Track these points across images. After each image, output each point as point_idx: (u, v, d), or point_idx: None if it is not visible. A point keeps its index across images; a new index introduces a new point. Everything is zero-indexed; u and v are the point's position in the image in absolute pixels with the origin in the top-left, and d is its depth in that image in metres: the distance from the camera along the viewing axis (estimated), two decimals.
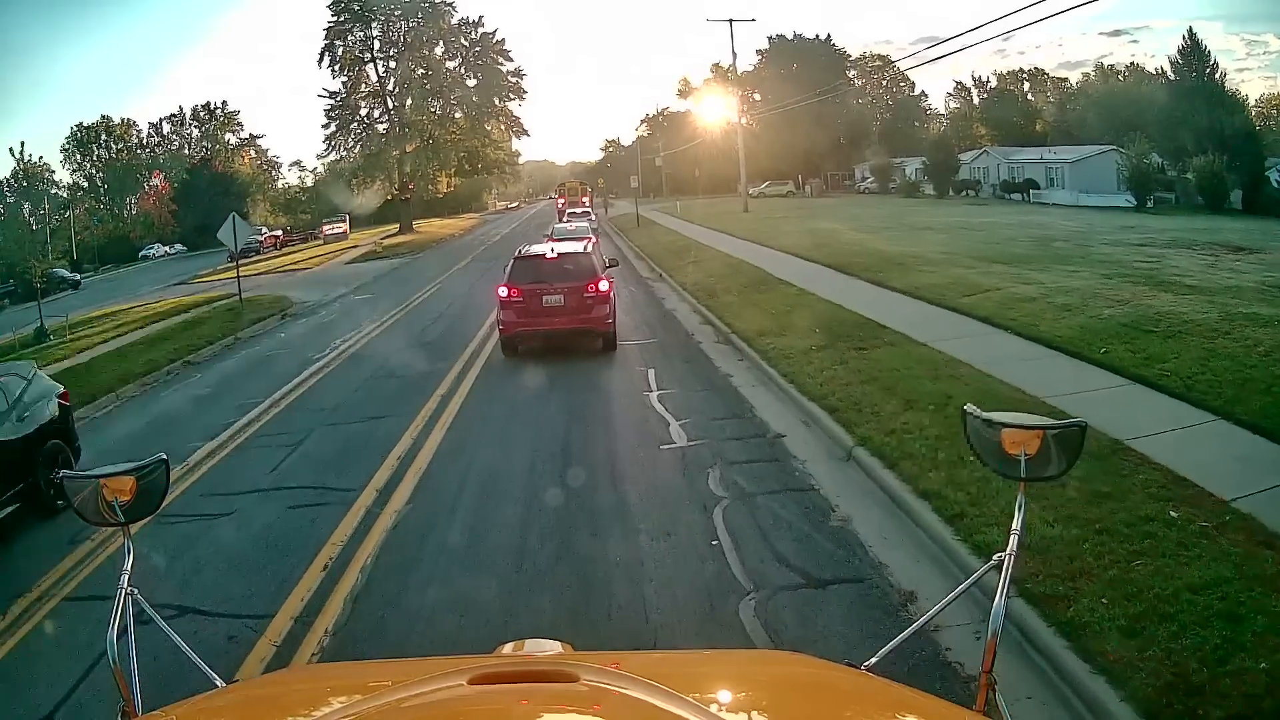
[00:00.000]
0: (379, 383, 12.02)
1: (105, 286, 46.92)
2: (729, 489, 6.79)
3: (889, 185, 63.94)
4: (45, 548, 6.94)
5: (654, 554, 5.73)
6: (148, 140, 75.29)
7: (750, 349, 11.61)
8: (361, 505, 7.04)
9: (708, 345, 12.82)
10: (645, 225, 39.57)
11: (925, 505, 6.13)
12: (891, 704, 1.55)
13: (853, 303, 13.75)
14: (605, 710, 1.27)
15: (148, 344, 18.66)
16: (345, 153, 56.80)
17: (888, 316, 12.30)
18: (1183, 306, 11.48)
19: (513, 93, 56.68)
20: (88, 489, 1.76)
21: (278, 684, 2.16)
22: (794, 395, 9.22)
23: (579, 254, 13.29)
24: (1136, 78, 68.96)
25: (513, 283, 12.61)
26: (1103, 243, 21.87)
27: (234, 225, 21.42)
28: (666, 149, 62.57)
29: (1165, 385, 8.18)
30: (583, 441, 8.43)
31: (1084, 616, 4.44)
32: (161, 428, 11.11)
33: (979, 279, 14.92)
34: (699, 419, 8.76)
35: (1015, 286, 14.03)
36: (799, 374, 9.73)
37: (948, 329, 11.54)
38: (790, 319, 12.88)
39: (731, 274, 19.04)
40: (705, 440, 8.05)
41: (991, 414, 1.69)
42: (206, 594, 5.74)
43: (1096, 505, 5.61)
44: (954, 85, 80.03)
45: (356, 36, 54.12)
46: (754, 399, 9.51)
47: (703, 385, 10.38)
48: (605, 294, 12.57)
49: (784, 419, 8.67)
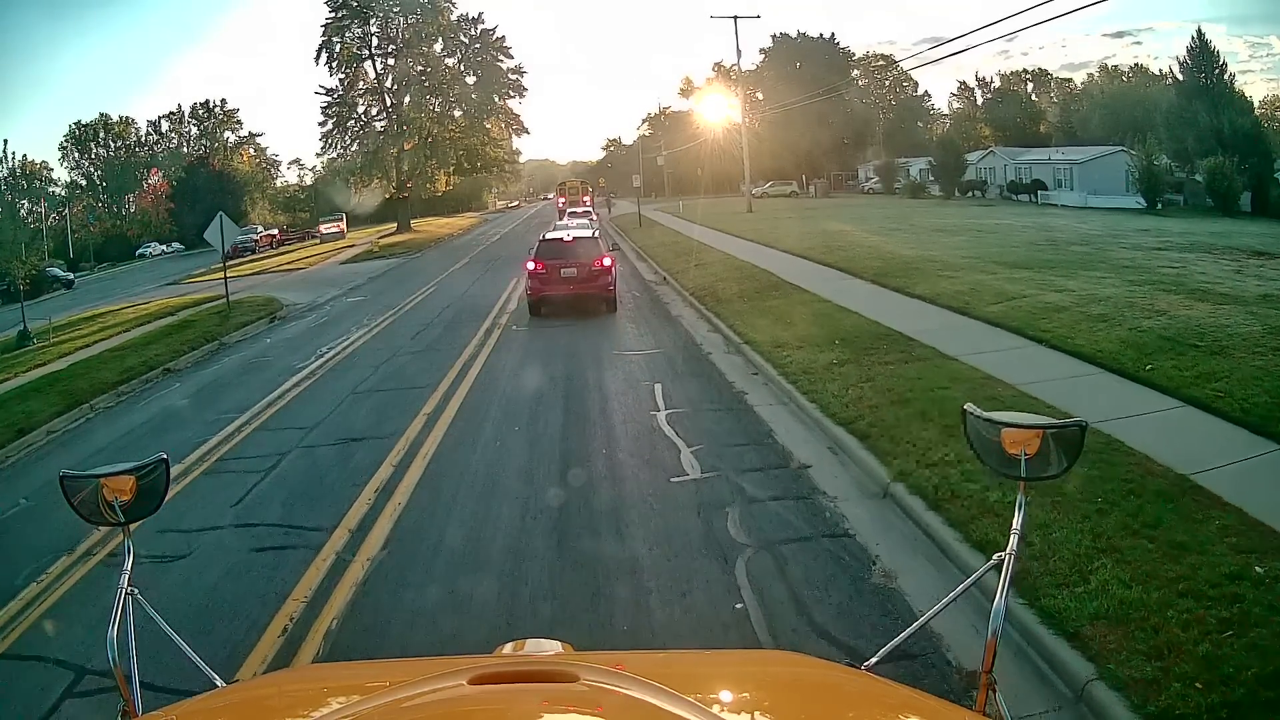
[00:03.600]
0: (363, 399, 11.11)
1: (99, 286, 46.48)
2: (751, 534, 5.92)
3: (894, 186, 63.18)
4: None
5: (668, 622, 4.85)
6: (146, 138, 75.75)
7: (766, 363, 10.71)
8: (331, 549, 6.17)
9: (718, 357, 11.91)
10: (648, 226, 38.66)
11: (982, 560, 5.28)
12: (891, 704, 1.53)
13: (873, 311, 12.85)
14: (606, 710, 1.24)
15: (129, 349, 17.83)
16: (342, 151, 55.76)
17: (913, 326, 11.41)
18: (1222, 318, 10.74)
19: (513, 90, 55.63)
20: (88, 488, 1.75)
21: (278, 684, 2.12)
22: (817, 418, 8.33)
23: (588, 238, 17.39)
24: (1141, 79, 69.18)
25: (538, 259, 16.53)
26: (1121, 246, 21.09)
27: (221, 225, 20.55)
28: (668, 148, 61.58)
29: (1220, 408, 7.45)
30: (583, 470, 7.52)
31: (1178, 707, 3.74)
32: (129, 445, 10.33)
33: (1005, 285, 14.06)
34: (713, 445, 7.88)
35: (1044, 294, 13.18)
36: (822, 393, 8.84)
37: (980, 341, 10.68)
38: (807, 329, 11.99)
39: (740, 278, 18.10)
40: (721, 472, 7.16)
41: (992, 413, 1.66)
42: (148, 663, 4.88)
43: (1175, 560, 4.89)
44: (958, 85, 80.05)
45: (354, 33, 53.01)
46: (773, 421, 8.61)
47: (715, 404, 9.48)
48: (608, 268, 16.49)
49: (808, 446, 7.79)
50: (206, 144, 73.77)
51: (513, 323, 16.36)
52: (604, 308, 16.28)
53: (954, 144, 58.23)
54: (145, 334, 19.65)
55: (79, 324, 25.48)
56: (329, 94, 54.41)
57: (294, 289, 26.60)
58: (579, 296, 16.08)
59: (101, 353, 18.16)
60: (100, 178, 72.48)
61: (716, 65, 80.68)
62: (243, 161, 73.88)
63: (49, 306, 37.32)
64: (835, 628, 4.70)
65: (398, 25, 53.31)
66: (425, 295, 22.30)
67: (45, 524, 7.45)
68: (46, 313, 26.89)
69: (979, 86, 78.54)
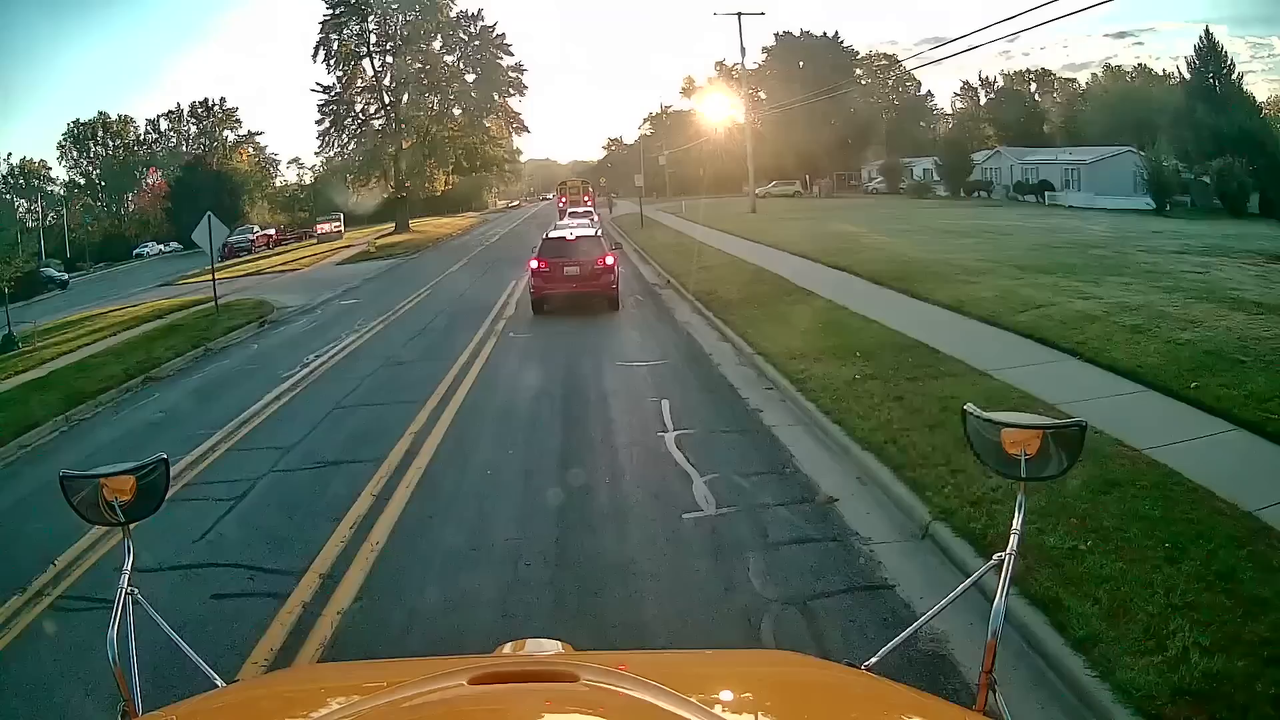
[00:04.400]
0: (346, 415, 10.36)
1: (94, 286, 45.92)
2: (777, 585, 5.17)
3: (898, 186, 62.47)
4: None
5: None
6: (145, 137, 75.69)
7: (781, 376, 9.93)
8: (299, 599, 5.43)
9: (729, 369, 11.15)
10: (650, 226, 37.90)
11: (1042, 620, 4.57)
12: (892, 704, 1.51)
13: (894, 319, 12.09)
14: (606, 710, 1.22)
15: (113, 355, 17.15)
16: (339, 149, 54.82)
17: (938, 337, 10.67)
18: (1261, 329, 10.11)
19: (513, 88, 54.76)
20: (88, 488, 1.74)
21: (278, 684, 2.11)
22: (843, 442, 7.57)
23: (591, 237, 17.18)
24: (1145, 79, 68.83)
25: (542, 257, 16.45)
26: (1139, 249, 20.40)
27: (210, 226, 19.81)
28: (670, 148, 60.75)
29: (1275, 432, 6.84)
30: (586, 504, 6.77)
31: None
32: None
33: (1030, 292, 13.31)
34: (728, 473, 7.11)
35: (1072, 301, 12.46)
36: (846, 413, 8.08)
37: (1011, 353, 9.95)
38: (824, 338, 11.24)
39: (749, 282, 17.36)
40: (739, 507, 6.40)
41: (991, 413, 1.63)
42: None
43: (1257, 619, 4.34)
44: (961, 85, 79.64)
45: (352, 30, 52.08)
46: (793, 445, 7.85)
47: (728, 424, 8.72)
48: (611, 266, 16.38)
49: (834, 475, 7.03)
50: (206, 143, 73.54)
51: (510, 329, 15.60)
52: (607, 306, 16.23)
53: (960, 144, 57.44)
54: (128, 340, 18.92)
55: (66, 327, 24.77)
56: (326, 92, 53.61)
57: (287, 291, 25.88)
58: (582, 294, 16.06)
59: (85, 358, 17.48)
60: (99, 177, 72.33)
61: (719, 64, 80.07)
62: (242, 160, 73.52)
63: (43, 308, 36.85)
64: None
65: (396, 22, 52.37)
66: (421, 298, 21.55)
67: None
68: (40, 314, 26.40)
69: (982, 86, 78.22)
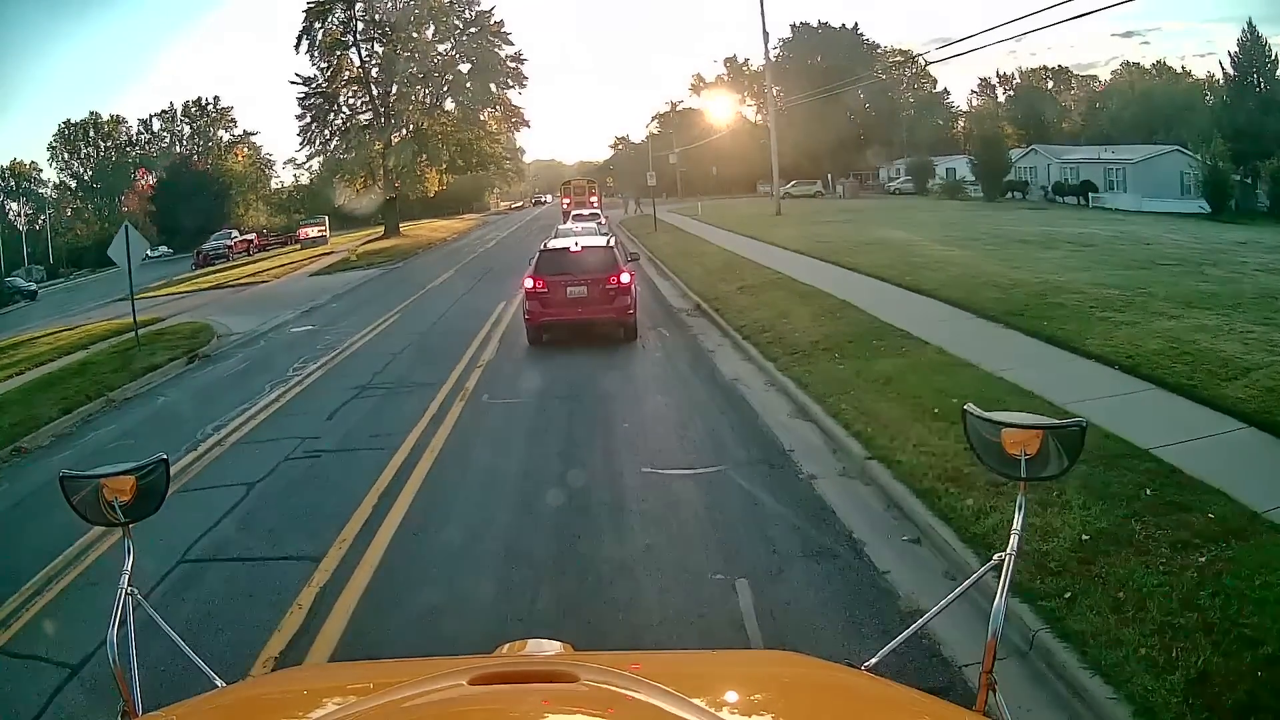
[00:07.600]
0: (259, 515, 6.58)
1: (61, 298, 42.78)
2: None
3: (926, 186, 58.57)
4: None
5: None
6: (137, 137, 73.04)
7: (931, 514, 5.81)
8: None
9: (829, 484, 6.88)
10: (665, 231, 33.93)
11: None
12: (891, 704, 1.51)
13: (1062, 389, 8.03)
14: (606, 711, 1.21)
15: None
16: (321, 146, 50.60)
17: (1156, 432, 6.71)
18: None
19: (512, 79, 50.55)
20: (88, 489, 1.73)
21: (278, 684, 2.10)
22: (1100, 699, 3.70)
23: (601, 247, 13.69)
24: (1168, 76, 66.47)
25: (539, 274, 13.11)
26: (1256, 269, 16.30)
27: (127, 240, 16.02)
28: (680, 147, 56.83)
29: None
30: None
31: None
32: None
33: (1209, 342, 9.29)
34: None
35: (1276, 360, 8.55)
36: (1085, 617, 4.18)
37: (1259, 464, 6.08)
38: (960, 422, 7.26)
39: (814, 313, 13.07)
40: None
41: (992, 413, 1.61)
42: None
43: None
44: (978, 82, 77.82)
45: (338, 17, 47.97)
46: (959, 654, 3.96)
47: (885, 658, 4.83)
48: (626, 286, 13.10)
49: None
50: (199, 143, 71.19)
51: (486, 383, 11.35)
52: (621, 336, 13.22)
53: (997, 141, 53.37)
54: (23, 385, 15.06)
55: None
56: (306, 83, 49.35)
57: (241, 310, 22.10)
58: (589, 322, 13.07)
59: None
60: (91, 178, 70.15)
61: (728, 61, 76.39)
62: (237, 161, 70.79)
63: (3, 322, 33.68)
64: None
65: (385, 7, 48.19)
66: (385, 326, 17.43)
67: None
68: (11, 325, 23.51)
69: (999, 83, 75.72)
